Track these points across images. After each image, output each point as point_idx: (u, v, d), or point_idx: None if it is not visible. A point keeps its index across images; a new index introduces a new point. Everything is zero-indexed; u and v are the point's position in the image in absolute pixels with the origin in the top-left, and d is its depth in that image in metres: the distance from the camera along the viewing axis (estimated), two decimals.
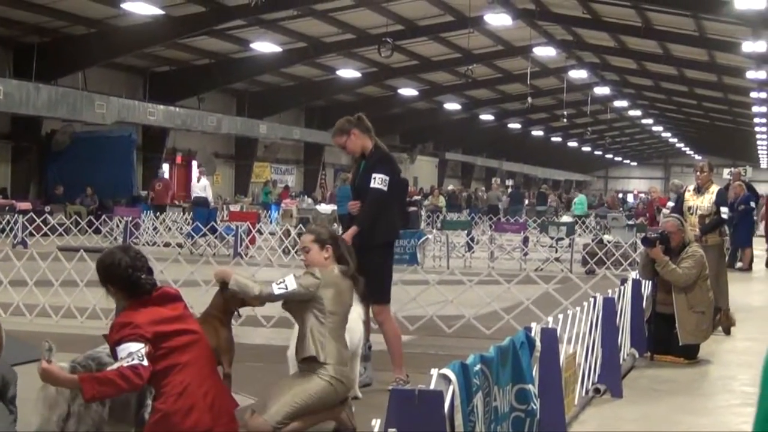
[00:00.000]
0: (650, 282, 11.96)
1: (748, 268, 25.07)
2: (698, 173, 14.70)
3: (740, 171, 27.89)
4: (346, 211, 10.06)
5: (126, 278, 5.85)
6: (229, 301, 7.46)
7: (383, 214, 9.51)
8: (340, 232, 10.22)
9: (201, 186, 34.22)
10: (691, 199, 14.50)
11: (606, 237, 26.48)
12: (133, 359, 5.50)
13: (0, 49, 36.18)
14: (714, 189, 14.52)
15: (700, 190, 14.52)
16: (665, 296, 11.71)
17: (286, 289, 7.32)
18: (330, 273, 7.53)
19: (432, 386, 4.57)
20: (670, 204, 24.60)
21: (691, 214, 14.13)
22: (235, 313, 7.80)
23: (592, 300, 9.32)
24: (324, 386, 7.20)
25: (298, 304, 7.49)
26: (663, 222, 12.61)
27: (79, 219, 31.28)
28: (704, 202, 14.35)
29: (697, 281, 11.65)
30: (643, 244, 11.98)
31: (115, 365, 5.55)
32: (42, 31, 35.71)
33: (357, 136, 9.63)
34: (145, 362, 5.51)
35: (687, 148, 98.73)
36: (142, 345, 5.57)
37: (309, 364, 7.30)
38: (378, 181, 9.40)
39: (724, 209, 14.37)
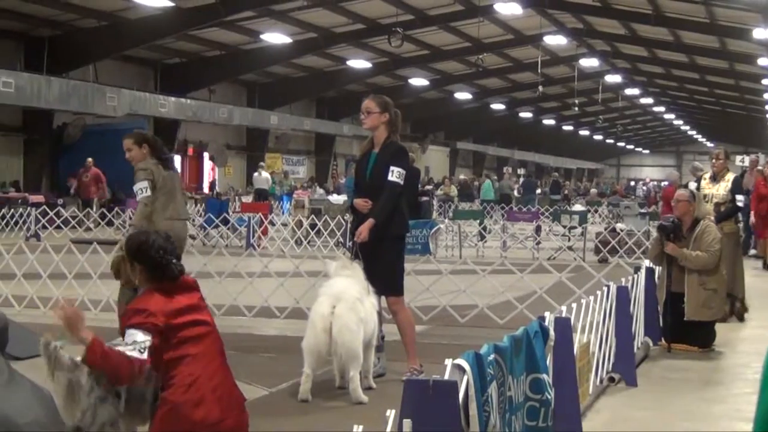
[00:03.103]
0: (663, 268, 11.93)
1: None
2: (714, 161, 14.63)
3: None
4: None
5: (156, 260, 5.86)
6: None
7: (397, 207, 9.52)
8: (351, 221, 10.22)
9: (263, 179, 35.82)
10: (707, 187, 14.43)
11: (619, 225, 26.42)
12: (135, 350, 5.55)
13: (11, 42, 36.26)
14: (730, 177, 14.45)
15: (715, 178, 14.46)
16: (679, 274, 11.65)
17: (147, 186, 10.56)
18: (151, 163, 10.70)
19: (446, 376, 4.56)
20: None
21: (707, 202, 14.07)
22: None
23: (605, 289, 9.29)
24: None
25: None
26: (675, 194, 12.52)
27: (91, 211, 31.32)
28: (720, 190, 14.28)
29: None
30: (659, 231, 11.94)
31: (120, 348, 5.56)
32: (53, 24, 35.77)
33: (385, 124, 9.61)
34: (146, 356, 5.52)
35: (699, 136, 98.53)
36: (149, 337, 5.60)
37: None
38: (396, 174, 9.40)
39: (739, 197, 14.31)
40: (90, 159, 34.15)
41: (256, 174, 41.19)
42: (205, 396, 5.66)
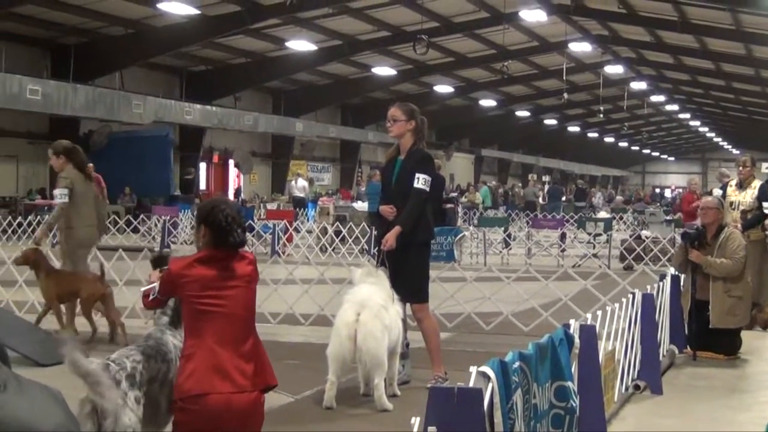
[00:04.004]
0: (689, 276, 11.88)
1: None
2: (740, 168, 14.56)
3: None
4: (377, 208, 10.06)
5: (222, 225, 6.06)
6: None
7: (423, 214, 9.53)
8: (376, 228, 10.22)
9: (300, 186, 36.99)
10: (733, 194, 14.37)
11: (644, 232, 26.35)
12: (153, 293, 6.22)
13: (38, 50, 36.48)
14: (756, 184, 14.38)
15: (742, 185, 14.39)
16: (704, 281, 11.61)
17: (66, 194, 12.24)
18: (71, 171, 12.47)
19: (471, 384, 4.57)
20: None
21: (734, 209, 14.01)
22: None
23: (630, 296, 9.27)
24: None
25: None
26: (703, 202, 12.45)
27: (117, 218, 31.45)
28: (746, 197, 14.21)
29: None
30: (683, 239, 11.92)
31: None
32: (79, 32, 35.93)
33: (411, 131, 9.64)
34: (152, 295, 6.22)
35: (725, 143, 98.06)
36: (155, 286, 6.18)
37: None
38: (421, 181, 9.42)
39: (766, 204, 14.24)
40: (90, 165, 33.10)
41: (292, 182, 41.49)
42: (197, 370, 5.78)
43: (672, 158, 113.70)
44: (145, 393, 6.06)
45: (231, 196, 48.34)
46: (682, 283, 11.77)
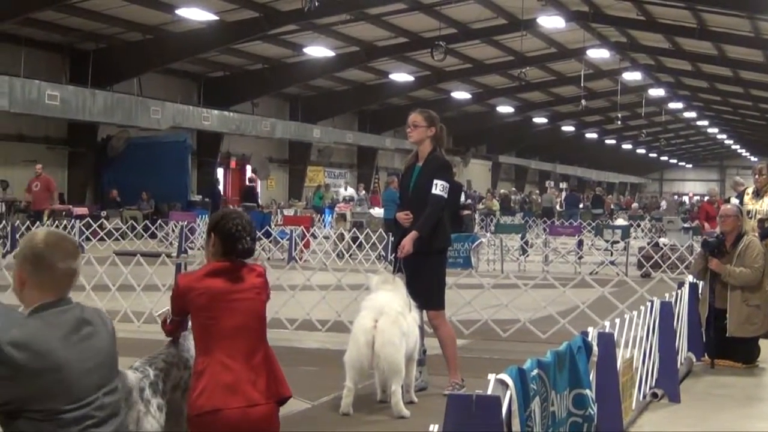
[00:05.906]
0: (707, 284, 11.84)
1: None
2: (757, 176, 14.47)
3: None
4: (393, 215, 10.06)
5: (231, 232, 6.05)
6: None
7: (440, 220, 9.53)
8: (393, 235, 10.23)
9: (348, 194, 39.30)
10: (750, 202, 14.26)
11: (662, 240, 26.28)
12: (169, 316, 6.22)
13: (56, 55, 36.60)
14: None
15: (758, 194, 14.30)
16: (722, 290, 11.57)
17: None
18: None
19: (489, 391, 4.55)
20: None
21: (750, 218, 13.92)
22: None
23: (648, 304, 9.24)
24: None
25: None
26: (722, 209, 12.40)
27: (135, 224, 31.50)
28: (763, 205, 14.11)
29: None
30: (703, 247, 11.88)
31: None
32: (98, 37, 36.04)
33: (431, 137, 9.66)
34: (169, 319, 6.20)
35: (743, 150, 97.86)
36: (168, 309, 6.17)
37: None
38: (439, 188, 9.43)
39: None
40: (39, 165, 30.25)
41: (341, 189, 43.98)
42: (208, 386, 5.76)
43: (690, 165, 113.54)
44: (168, 401, 6.07)
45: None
46: (700, 291, 11.73)
